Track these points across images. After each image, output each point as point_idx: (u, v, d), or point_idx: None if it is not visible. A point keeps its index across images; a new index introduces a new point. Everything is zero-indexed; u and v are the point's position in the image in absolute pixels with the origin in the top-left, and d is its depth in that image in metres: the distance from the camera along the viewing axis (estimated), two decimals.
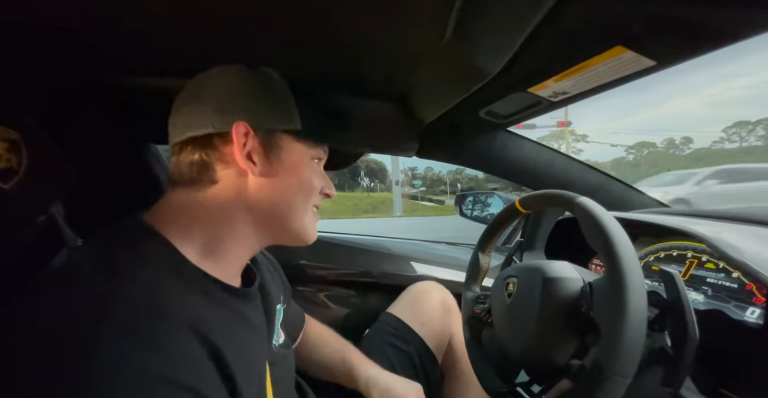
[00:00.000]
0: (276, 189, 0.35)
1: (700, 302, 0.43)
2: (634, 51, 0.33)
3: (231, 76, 0.35)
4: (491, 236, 0.56)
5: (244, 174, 0.34)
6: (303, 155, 0.37)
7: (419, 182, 40.67)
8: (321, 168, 0.41)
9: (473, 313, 0.54)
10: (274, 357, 0.40)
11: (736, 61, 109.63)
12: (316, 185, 0.38)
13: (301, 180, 0.37)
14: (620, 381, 0.29)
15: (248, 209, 0.35)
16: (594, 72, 0.38)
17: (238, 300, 0.34)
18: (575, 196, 0.39)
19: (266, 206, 0.35)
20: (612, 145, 45.43)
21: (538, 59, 0.39)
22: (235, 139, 0.33)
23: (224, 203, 0.34)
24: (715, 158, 39.31)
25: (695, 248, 0.46)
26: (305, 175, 0.37)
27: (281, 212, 0.36)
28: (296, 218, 0.37)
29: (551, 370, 0.39)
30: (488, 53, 0.38)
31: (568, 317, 0.37)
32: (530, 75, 0.43)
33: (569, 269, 0.40)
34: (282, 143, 0.36)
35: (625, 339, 0.28)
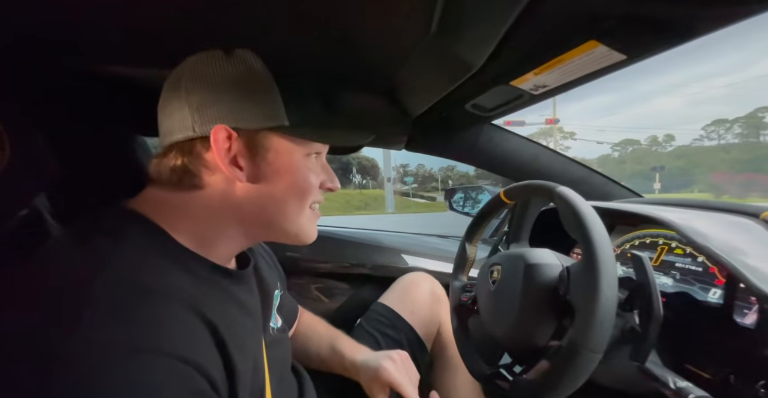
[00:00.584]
0: (267, 193, 0.33)
1: (669, 285, 0.46)
2: (606, 45, 0.34)
3: (210, 67, 0.32)
4: (478, 226, 0.58)
5: (231, 180, 0.32)
6: (294, 153, 0.34)
7: (411, 178, 40.76)
8: (320, 162, 0.38)
9: (460, 301, 0.56)
10: (270, 339, 0.41)
11: (716, 59, 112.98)
12: (313, 183, 0.35)
13: (294, 181, 0.34)
14: (592, 356, 0.31)
15: (238, 214, 0.33)
16: (571, 66, 0.40)
17: (230, 280, 0.34)
18: (555, 185, 0.41)
19: (257, 211, 0.33)
20: (598, 142, 46.52)
21: (519, 53, 0.40)
22: (215, 146, 0.30)
23: (210, 207, 0.32)
24: (696, 155, 40.65)
25: (666, 235, 0.49)
26: (298, 175, 0.34)
27: (274, 216, 0.34)
28: (291, 220, 0.35)
29: (532, 351, 0.41)
30: (471, 46, 0.39)
31: (548, 300, 0.39)
32: (512, 68, 0.44)
33: (550, 255, 0.42)
34: (268, 142, 0.33)
35: (596, 317, 0.30)
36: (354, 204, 17.43)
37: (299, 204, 0.35)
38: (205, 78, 0.32)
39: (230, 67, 0.32)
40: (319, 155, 0.38)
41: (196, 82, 0.32)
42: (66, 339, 0.21)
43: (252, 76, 0.33)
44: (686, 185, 27.43)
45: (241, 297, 0.35)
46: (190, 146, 0.32)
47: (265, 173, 0.33)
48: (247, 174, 0.32)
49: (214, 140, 0.30)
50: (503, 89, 0.50)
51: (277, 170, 0.33)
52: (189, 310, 0.27)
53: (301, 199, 0.35)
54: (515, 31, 0.34)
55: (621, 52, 0.35)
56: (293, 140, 0.34)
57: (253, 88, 0.33)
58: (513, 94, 0.52)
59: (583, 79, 0.43)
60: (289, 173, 0.34)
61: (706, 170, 32.83)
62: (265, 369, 0.37)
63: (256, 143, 0.32)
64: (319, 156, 0.38)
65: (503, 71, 0.46)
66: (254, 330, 0.36)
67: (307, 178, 0.35)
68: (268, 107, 0.33)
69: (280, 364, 0.42)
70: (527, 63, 0.42)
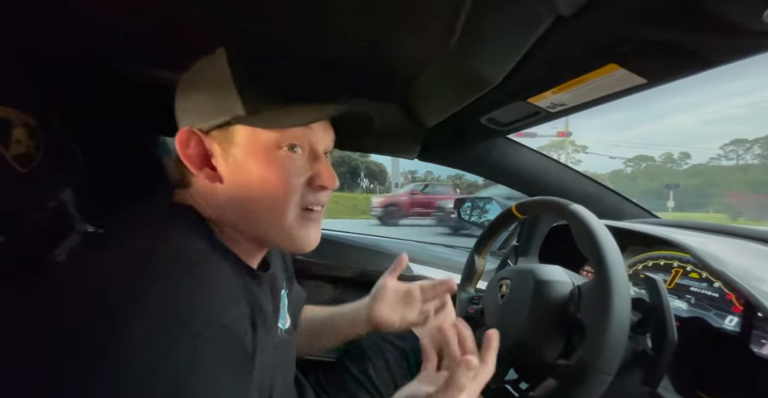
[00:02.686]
0: (245, 194, 0.31)
1: (683, 309, 0.45)
2: (626, 69, 0.35)
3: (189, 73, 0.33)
4: (487, 239, 0.58)
5: (212, 182, 0.31)
6: (262, 147, 0.31)
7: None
8: (308, 155, 0.33)
9: (467, 313, 0.55)
10: (277, 341, 0.41)
11: (736, 80, 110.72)
12: (291, 181, 0.31)
13: (267, 179, 0.31)
14: (602, 378, 0.30)
15: (227, 217, 0.32)
16: (589, 86, 0.40)
17: (252, 280, 0.34)
18: (569, 203, 0.41)
19: (241, 214, 0.32)
20: (611, 157, 45.72)
21: (538, 71, 0.41)
22: (179, 148, 0.31)
23: (202, 208, 0.32)
24: (712, 174, 39.57)
25: (681, 257, 0.48)
26: (271, 171, 0.31)
27: (258, 219, 0.32)
28: (276, 224, 0.32)
29: (539, 368, 0.40)
30: (491, 62, 0.40)
31: (557, 318, 0.38)
32: (530, 86, 0.45)
33: (560, 272, 0.42)
34: (233, 137, 0.31)
35: (608, 337, 0.30)
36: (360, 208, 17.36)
37: (281, 205, 0.32)
38: (183, 83, 0.33)
39: (197, 70, 0.33)
40: (302, 149, 0.33)
41: (181, 87, 0.33)
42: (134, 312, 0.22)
43: (210, 75, 0.31)
44: (701, 204, 26.68)
45: (260, 299, 0.35)
46: None
47: (238, 173, 0.31)
48: (222, 174, 0.31)
49: (178, 142, 0.31)
50: (520, 105, 0.51)
51: (248, 167, 0.31)
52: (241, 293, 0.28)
53: (281, 199, 0.31)
54: (536, 51, 0.35)
55: (641, 76, 0.35)
56: (257, 132, 0.30)
57: (209, 85, 0.31)
58: (530, 110, 0.52)
59: (601, 100, 0.44)
60: (260, 169, 0.31)
61: (722, 189, 31.88)
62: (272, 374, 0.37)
63: (225, 139, 0.31)
64: (303, 149, 0.33)
65: (521, 88, 0.46)
66: (266, 332, 0.36)
67: (281, 174, 0.31)
68: (221, 100, 0.30)
69: (285, 367, 0.42)
70: (546, 82, 0.43)
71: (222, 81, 0.30)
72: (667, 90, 5.22)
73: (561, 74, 0.40)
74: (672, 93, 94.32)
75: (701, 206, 25.86)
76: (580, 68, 0.38)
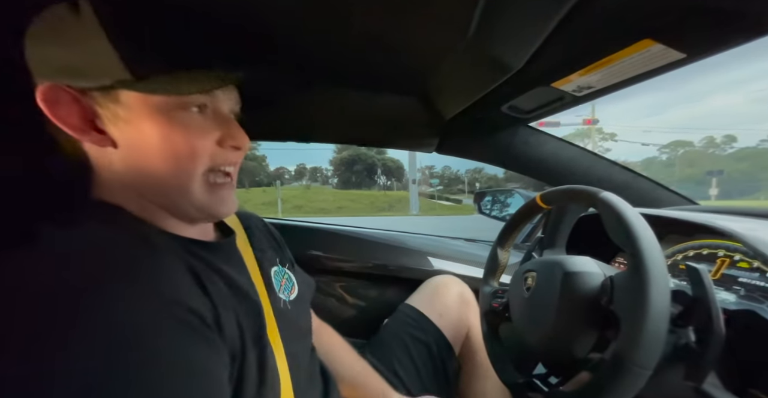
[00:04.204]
0: (142, 159, 0.28)
1: (731, 302, 0.42)
2: (663, 44, 0.32)
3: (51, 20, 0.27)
4: (511, 231, 0.56)
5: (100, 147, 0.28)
6: (155, 107, 0.27)
7: (436, 180, 40.23)
8: (214, 115, 0.31)
9: (491, 307, 0.54)
10: (280, 310, 0.40)
11: None
12: (199, 143, 0.29)
13: (166, 142, 0.28)
14: (641, 373, 0.29)
15: (131, 186, 0.29)
16: (620, 66, 0.38)
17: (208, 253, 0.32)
18: (598, 191, 0.39)
19: (141, 182, 0.29)
20: (643, 144, 42.81)
21: (563, 53, 0.39)
22: (47, 108, 0.26)
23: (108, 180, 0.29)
24: (763, 158, 36.00)
25: (728, 246, 0.45)
26: (171, 133, 0.28)
27: (160, 187, 0.29)
28: (182, 191, 0.30)
29: (570, 363, 0.39)
30: (512, 48, 0.38)
31: (588, 310, 0.37)
32: (554, 70, 0.43)
33: (590, 263, 0.40)
34: (118, 97, 0.27)
35: (645, 330, 0.28)
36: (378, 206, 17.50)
37: (187, 169, 0.29)
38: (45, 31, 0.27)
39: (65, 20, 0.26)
40: (207, 108, 0.30)
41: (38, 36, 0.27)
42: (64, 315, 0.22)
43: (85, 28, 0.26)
44: (750, 191, 24.32)
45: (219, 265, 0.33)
46: None
47: (132, 136, 0.28)
48: (115, 139, 0.28)
49: (43, 100, 0.26)
50: (543, 91, 0.49)
51: (143, 129, 0.27)
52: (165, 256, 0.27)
53: (187, 162, 0.29)
54: (560, 30, 0.33)
55: (680, 51, 0.33)
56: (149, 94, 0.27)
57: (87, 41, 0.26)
58: (554, 95, 0.50)
59: (633, 80, 0.41)
60: (159, 131, 0.28)
61: None
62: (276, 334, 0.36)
63: (107, 100, 0.27)
64: (208, 109, 0.30)
65: (544, 72, 0.44)
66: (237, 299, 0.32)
67: (185, 136, 0.28)
68: (102, 60, 0.26)
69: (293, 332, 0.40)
70: (572, 64, 0.40)
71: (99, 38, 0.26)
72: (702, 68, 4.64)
73: (588, 55, 0.38)
74: (709, 71, 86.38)
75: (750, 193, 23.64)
76: (610, 47, 0.35)
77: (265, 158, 46.84)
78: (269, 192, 29.32)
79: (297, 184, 48.02)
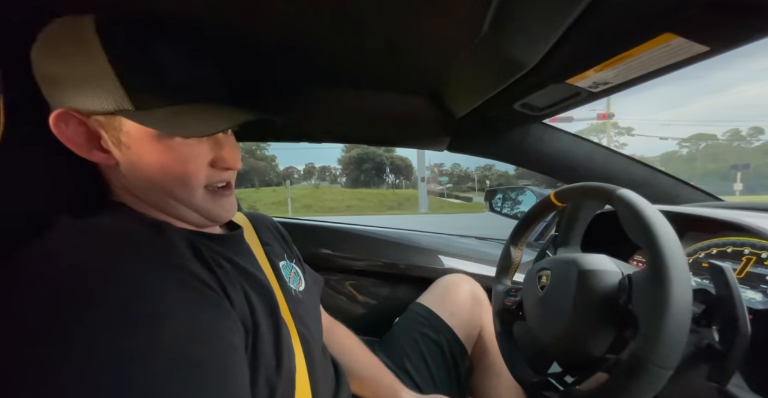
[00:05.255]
0: (147, 179, 0.30)
1: (757, 301, 0.41)
2: (684, 37, 0.31)
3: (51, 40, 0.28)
4: (524, 229, 0.56)
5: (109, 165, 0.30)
6: (154, 136, 0.29)
7: (446, 178, 39.89)
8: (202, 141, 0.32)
9: (504, 306, 0.54)
10: (292, 297, 0.41)
11: None
12: (190, 168, 0.31)
13: (164, 165, 0.30)
14: (660, 373, 0.29)
15: (139, 198, 0.32)
16: (639, 60, 0.37)
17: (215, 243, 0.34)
18: (615, 188, 0.38)
19: (148, 195, 0.32)
20: (661, 138, 41.21)
21: (579, 49, 0.38)
22: (58, 131, 0.28)
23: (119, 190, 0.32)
24: None
25: (754, 244, 0.43)
26: (167, 158, 0.29)
27: (167, 200, 0.32)
28: (184, 203, 0.32)
29: (586, 362, 0.39)
30: (526, 45, 0.38)
31: (605, 309, 0.36)
32: (569, 66, 0.42)
33: (607, 261, 0.40)
34: (118, 123, 0.29)
35: (666, 329, 0.28)
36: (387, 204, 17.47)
37: (185, 190, 0.31)
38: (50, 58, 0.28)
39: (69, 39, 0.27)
40: None
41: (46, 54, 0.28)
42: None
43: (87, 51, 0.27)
44: None
45: (228, 254, 0.34)
46: None
47: (131, 157, 0.29)
48: (118, 159, 0.30)
49: (53, 125, 0.28)
50: (558, 88, 0.48)
51: (143, 154, 0.29)
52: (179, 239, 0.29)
53: (185, 182, 0.31)
54: (576, 26, 0.33)
55: (703, 44, 0.31)
56: None
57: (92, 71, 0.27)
58: (569, 92, 0.49)
59: (651, 75, 0.39)
60: (157, 157, 0.29)
61: None
62: (289, 317, 0.37)
63: (109, 127, 0.29)
64: None
65: (559, 69, 0.43)
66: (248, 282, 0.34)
67: (180, 161, 0.30)
68: (107, 90, 0.27)
69: (309, 321, 0.42)
70: (588, 60, 0.39)
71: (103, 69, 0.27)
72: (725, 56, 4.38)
73: (605, 50, 0.37)
74: (733, 60, 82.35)
75: None
76: (628, 42, 0.34)
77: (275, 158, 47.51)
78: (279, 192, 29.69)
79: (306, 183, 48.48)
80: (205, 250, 0.31)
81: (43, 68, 0.29)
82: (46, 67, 0.28)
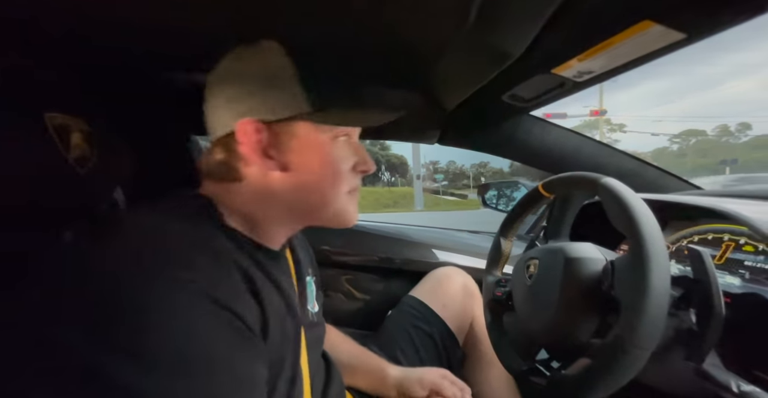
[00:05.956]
0: (301, 181, 0.34)
1: (736, 285, 0.42)
2: (662, 24, 0.32)
3: (234, 64, 0.34)
4: (513, 221, 0.56)
5: (266, 171, 0.34)
6: (319, 138, 0.34)
7: (441, 176, 39.96)
8: (351, 144, 0.37)
9: (494, 296, 0.55)
10: (309, 321, 0.43)
11: None
12: (343, 169, 0.36)
13: (322, 166, 0.34)
14: (640, 354, 0.29)
15: (278, 202, 0.35)
16: (620, 49, 0.37)
17: (269, 260, 0.36)
18: (599, 176, 0.39)
19: (295, 198, 0.35)
20: (653, 134, 41.77)
21: (562, 39, 0.39)
22: (243, 139, 0.32)
23: (254, 197, 0.34)
24: None
25: (733, 230, 0.44)
26: (325, 160, 0.34)
27: (312, 201, 0.35)
28: (328, 205, 0.36)
29: (572, 348, 0.39)
30: (511, 35, 0.38)
31: (590, 296, 0.37)
32: (553, 55, 0.43)
33: (592, 249, 0.40)
34: (293, 130, 0.33)
35: (645, 312, 0.29)
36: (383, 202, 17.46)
37: (334, 188, 0.35)
38: (231, 75, 0.34)
39: (252, 60, 0.34)
40: (349, 138, 0.37)
41: (225, 80, 0.34)
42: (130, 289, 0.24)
43: (271, 69, 0.33)
44: None
45: (277, 276, 0.36)
46: (227, 141, 0.34)
47: (295, 162, 0.34)
48: (279, 164, 0.33)
49: (242, 133, 0.32)
50: (544, 78, 0.48)
51: (303, 156, 0.34)
52: (242, 273, 0.29)
53: (334, 184, 0.35)
54: (559, 15, 0.33)
55: (680, 31, 0.32)
56: (316, 126, 0.34)
57: (273, 80, 0.33)
58: (554, 82, 0.49)
59: (633, 63, 0.40)
60: (316, 159, 0.34)
61: None
62: (304, 349, 0.39)
63: (282, 132, 0.33)
64: (349, 139, 0.37)
65: (544, 59, 0.44)
66: (288, 308, 0.36)
67: (335, 162, 0.35)
68: (288, 96, 0.33)
69: (316, 343, 0.44)
70: (571, 49, 0.40)
71: (285, 76, 0.33)
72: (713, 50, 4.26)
73: (587, 39, 0.38)
74: (723, 54, 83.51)
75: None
76: (609, 30, 0.35)
77: None
78: None
79: None
80: (257, 273, 0.31)
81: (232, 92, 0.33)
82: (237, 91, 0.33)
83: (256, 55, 0.34)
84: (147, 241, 0.27)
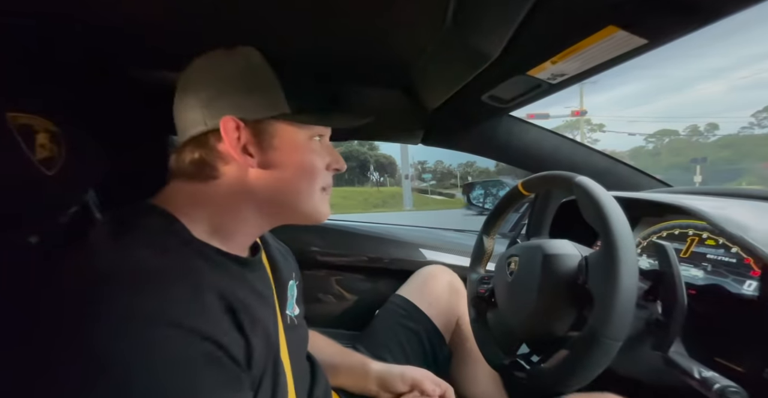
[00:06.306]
0: (277, 177, 0.35)
1: (699, 278, 0.44)
2: (626, 30, 0.33)
3: (213, 65, 0.35)
4: (495, 219, 0.58)
5: (245, 168, 0.34)
6: (297, 137, 0.36)
7: (429, 175, 40.30)
8: (324, 144, 0.39)
9: (478, 293, 0.56)
10: (288, 325, 0.42)
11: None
12: (318, 166, 0.37)
13: (300, 164, 0.36)
14: (611, 344, 0.31)
15: (253, 199, 0.35)
16: (589, 53, 0.39)
17: (242, 267, 0.36)
18: (574, 175, 0.40)
19: (271, 194, 0.35)
20: (630, 134, 43.55)
21: (536, 41, 0.40)
22: (225, 136, 0.33)
23: (228, 194, 0.35)
24: (745, 145, 37.00)
25: (696, 225, 0.47)
26: (303, 158, 0.36)
27: (287, 198, 0.36)
28: (303, 201, 0.37)
29: (551, 342, 0.41)
30: (487, 37, 0.39)
31: (567, 290, 0.38)
32: (529, 58, 0.44)
33: (568, 246, 0.42)
34: (273, 129, 0.35)
35: (615, 303, 0.30)
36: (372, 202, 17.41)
37: (309, 186, 0.37)
38: (210, 75, 0.34)
39: (232, 63, 0.35)
40: (323, 138, 0.39)
41: (203, 80, 0.34)
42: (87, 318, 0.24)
43: (253, 70, 0.34)
44: (733, 177, 25.12)
45: (255, 283, 0.37)
46: (204, 139, 0.34)
47: (273, 159, 0.35)
48: (258, 161, 0.34)
49: (224, 130, 0.32)
50: (520, 79, 0.50)
51: (284, 154, 0.35)
52: (208, 290, 0.28)
53: (310, 181, 0.37)
54: (531, 18, 0.34)
55: (642, 37, 0.34)
56: (295, 125, 0.36)
57: (255, 81, 0.34)
58: (531, 84, 0.51)
59: (602, 66, 0.42)
60: (295, 156, 0.36)
61: (756, 160, 29.87)
62: (285, 352, 0.39)
63: (263, 131, 0.34)
64: (323, 139, 0.39)
65: (520, 61, 0.45)
66: (268, 314, 0.36)
67: (311, 160, 0.36)
68: (269, 97, 0.34)
69: (299, 347, 0.44)
70: (544, 52, 0.41)
71: (265, 79, 0.34)
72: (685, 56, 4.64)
73: (559, 43, 0.39)
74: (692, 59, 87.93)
75: (733, 179, 24.41)
76: (578, 34, 0.36)
77: None
78: None
79: None
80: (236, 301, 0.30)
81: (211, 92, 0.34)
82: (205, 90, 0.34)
83: (234, 58, 0.35)
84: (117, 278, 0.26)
